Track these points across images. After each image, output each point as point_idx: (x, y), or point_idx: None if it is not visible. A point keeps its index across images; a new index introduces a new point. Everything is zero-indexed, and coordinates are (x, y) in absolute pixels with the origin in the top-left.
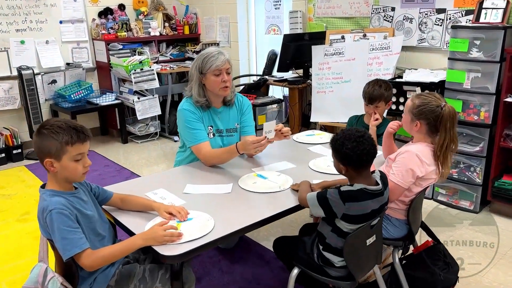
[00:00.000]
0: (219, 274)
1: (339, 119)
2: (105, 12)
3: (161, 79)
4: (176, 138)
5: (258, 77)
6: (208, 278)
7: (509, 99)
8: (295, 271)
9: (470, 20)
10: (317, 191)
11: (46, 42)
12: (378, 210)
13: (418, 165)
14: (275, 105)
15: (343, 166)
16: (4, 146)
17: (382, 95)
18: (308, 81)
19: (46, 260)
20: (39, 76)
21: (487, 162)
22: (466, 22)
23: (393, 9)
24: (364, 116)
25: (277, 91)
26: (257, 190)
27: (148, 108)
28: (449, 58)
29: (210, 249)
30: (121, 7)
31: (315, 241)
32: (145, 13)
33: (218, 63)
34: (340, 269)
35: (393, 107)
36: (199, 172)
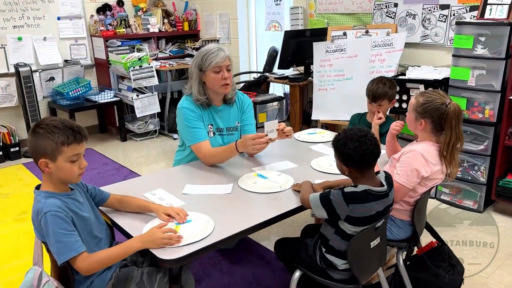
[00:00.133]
0: (219, 275)
1: (341, 117)
2: (104, 8)
3: (160, 76)
4: (175, 136)
5: (259, 74)
6: (208, 280)
7: None
8: (297, 273)
9: (474, 16)
10: (320, 192)
11: (44, 38)
12: (382, 212)
13: (423, 165)
14: (275, 103)
15: (345, 167)
16: (1, 144)
17: (386, 93)
18: (309, 78)
19: (41, 263)
20: (37, 73)
21: (492, 161)
22: (471, 18)
23: (395, 5)
24: (367, 114)
25: (278, 89)
26: (257, 190)
27: (147, 105)
28: (453, 55)
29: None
30: (120, 3)
31: (317, 243)
32: (144, 9)
33: (218, 60)
34: (343, 272)
35: (396, 104)
36: (199, 172)
